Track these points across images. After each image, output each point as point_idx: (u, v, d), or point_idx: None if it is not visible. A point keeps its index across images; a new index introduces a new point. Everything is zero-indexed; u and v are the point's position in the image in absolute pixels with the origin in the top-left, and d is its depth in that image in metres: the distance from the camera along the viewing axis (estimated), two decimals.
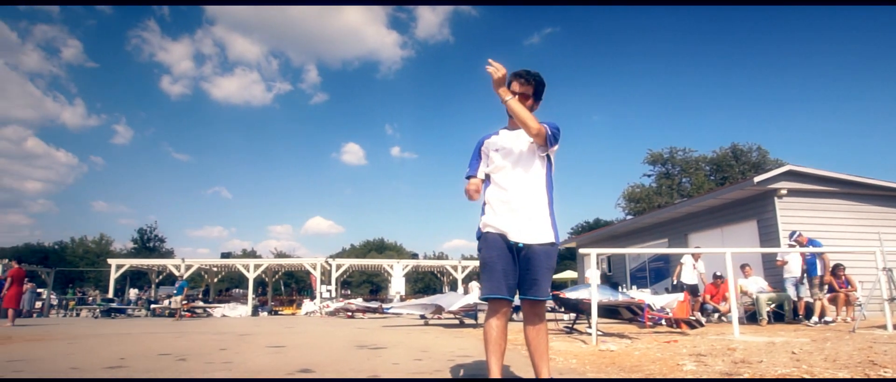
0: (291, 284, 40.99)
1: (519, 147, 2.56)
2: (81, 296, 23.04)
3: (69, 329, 9.63)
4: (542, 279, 2.45)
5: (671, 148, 36.35)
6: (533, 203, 2.50)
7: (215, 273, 25.26)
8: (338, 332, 8.39)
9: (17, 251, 46.12)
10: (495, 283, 2.43)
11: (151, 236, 50.89)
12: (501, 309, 2.47)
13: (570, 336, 6.96)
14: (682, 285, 10.88)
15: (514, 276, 2.46)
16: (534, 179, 2.54)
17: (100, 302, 19.60)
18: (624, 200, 35.72)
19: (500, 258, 2.45)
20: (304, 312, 20.53)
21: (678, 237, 15.14)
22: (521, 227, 2.45)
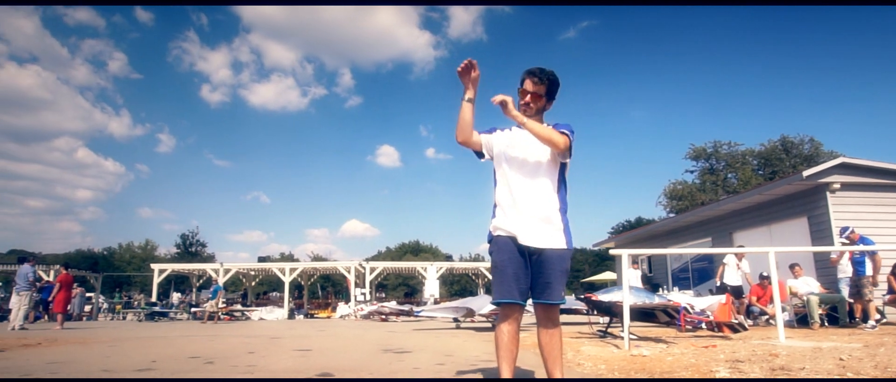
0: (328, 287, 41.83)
1: (531, 148, 2.51)
2: (127, 300, 24.22)
3: (112, 333, 10.13)
4: (555, 282, 2.40)
5: (715, 142, 35.04)
6: (544, 206, 2.45)
7: (253, 276, 26.06)
8: (367, 335, 8.49)
9: (68, 257, 48.97)
10: (506, 287, 2.39)
11: (193, 241, 52.98)
12: (513, 314, 2.43)
13: (603, 340, 6.79)
14: (725, 286, 10.45)
15: (526, 280, 2.42)
16: (545, 182, 2.49)
17: (144, 305, 20.56)
18: (665, 198, 34.67)
19: (511, 261, 2.41)
20: (338, 315, 20.90)
21: (722, 236, 14.56)
22: (533, 231, 2.41)
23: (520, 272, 2.40)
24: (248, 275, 25.80)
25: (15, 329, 10.73)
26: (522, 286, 2.41)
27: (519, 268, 2.40)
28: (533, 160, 2.49)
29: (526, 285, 2.43)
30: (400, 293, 47.63)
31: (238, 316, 19.67)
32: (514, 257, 2.41)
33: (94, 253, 53.75)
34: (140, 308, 20.35)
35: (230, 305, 21.08)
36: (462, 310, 10.45)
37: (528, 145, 2.51)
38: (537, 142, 2.51)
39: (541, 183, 2.48)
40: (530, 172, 2.48)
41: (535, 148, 2.50)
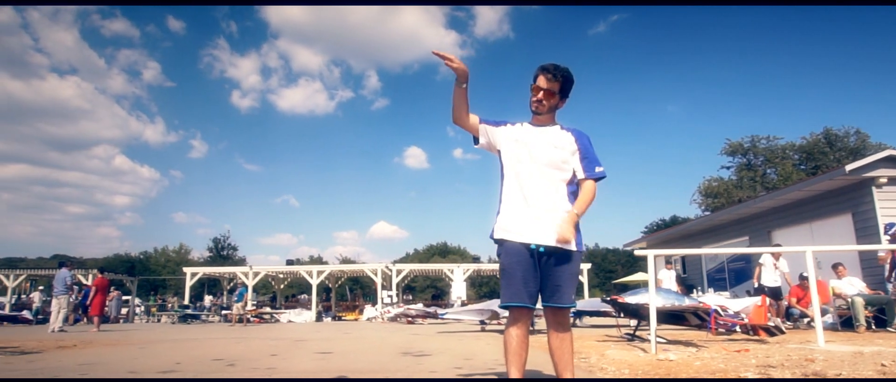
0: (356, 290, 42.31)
1: (543, 147, 2.46)
2: (162, 303, 25.10)
3: (145, 335, 10.49)
4: (565, 285, 2.36)
5: (752, 136, 33.83)
6: (555, 208, 2.40)
7: (281, 279, 26.62)
8: (391, 338, 8.54)
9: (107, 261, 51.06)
10: (514, 290, 2.36)
11: (225, 245, 54.41)
12: (522, 318, 2.40)
13: (630, 343, 6.65)
14: (762, 288, 10.08)
15: (535, 283, 2.38)
16: (557, 183, 2.44)
17: (177, 308, 21.26)
18: (700, 195, 33.69)
19: (520, 264, 2.37)
20: (365, 318, 21.12)
21: (760, 234, 14.07)
22: (542, 231, 2.36)
23: (528, 274, 2.37)
24: (276, 278, 26.35)
25: (54, 331, 11.25)
26: (531, 289, 2.37)
27: (527, 271, 2.37)
28: (545, 159, 2.45)
29: (535, 288, 2.39)
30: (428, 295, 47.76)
31: (267, 319, 20.11)
32: (523, 259, 2.38)
33: (131, 258, 55.90)
34: (173, 310, 21.06)
35: (260, 308, 21.57)
36: (487, 312, 10.40)
37: (540, 143, 2.47)
38: (547, 140, 2.48)
39: (552, 183, 2.43)
40: (541, 171, 2.44)
41: (548, 147, 2.46)
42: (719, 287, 16.32)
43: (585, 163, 2.52)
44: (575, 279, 2.41)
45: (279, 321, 19.79)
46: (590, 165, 2.52)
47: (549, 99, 2.49)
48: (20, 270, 23.77)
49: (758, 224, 14.18)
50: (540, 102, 2.50)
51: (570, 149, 2.49)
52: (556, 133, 2.53)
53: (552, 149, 2.46)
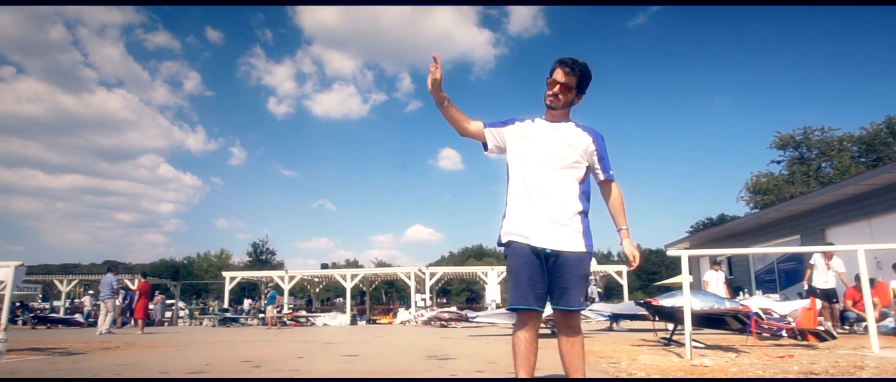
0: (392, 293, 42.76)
1: (552, 144, 2.40)
2: (203, 307, 26.11)
3: (184, 337, 10.93)
4: (573, 287, 2.30)
5: (805, 128, 32.09)
6: (564, 208, 2.35)
7: (317, 283, 27.20)
8: (420, 341, 8.58)
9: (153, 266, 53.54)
10: (521, 293, 2.32)
11: (263, 249, 56.13)
12: (530, 321, 2.35)
13: (666, 348, 6.45)
14: (813, 290, 9.57)
15: (542, 285, 2.33)
16: (567, 181, 2.38)
17: (217, 311, 22.07)
18: (747, 192, 32.27)
19: (526, 265, 2.33)
20: (399, 321, 21.30)
21: (812, 232, 13.37)
22: (549, 232, 2.31)
23: (535, 276, 2.32)
24: (311, 282, 26.95)
25: (102, 333, 11.87)
26: (538, 291, 2.33)
27: (534, 272, 2.32)
28: (557, 157, 2.38)
29: (542, 290, 2.34)
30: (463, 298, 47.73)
31: (303, 322, 20.57)
32: (529, 261, 2.33)
33: (176, 263, 58.38)
34: (214, 314, 21.87)
35: (296, 311, 22.08)
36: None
37: (553, 140, 2.41)
38: (560, 137, 2.43)
39: (561, 181, 2.37)
40: (550, 170, 2.38)
41: (558, 144, 2.40)
42: (768, 289, 15.61)
43: (603, 164, 2.49)
44: (584, 281, 2.35)
45: (314, 324, 20.21)
46: (607, 166, 2.50)
47: (566, 93, 2.42)
48: (73, 275, 25.24)
49: (810, 221, 13.49)
50: (556, 96, 2.43)
51: (585, 149, 2.44)
52: (570, 130, 2.47)
53: (565, 146, 2.40)
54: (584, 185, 2.44)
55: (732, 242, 17.20)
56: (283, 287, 23.04)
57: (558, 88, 2.42)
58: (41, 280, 26.94)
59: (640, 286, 47.71)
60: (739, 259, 17.10)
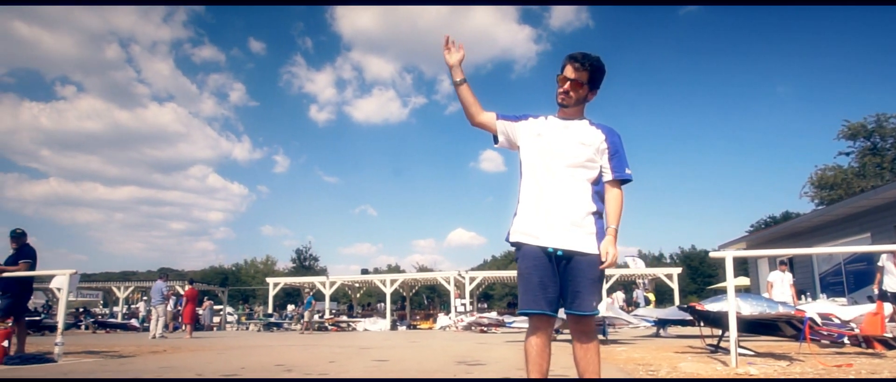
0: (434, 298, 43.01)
1: (565, 143, 2.38)
2: (249, 312, 27.15)
3: (228, 342, 11.43)
4: (585, 291, 2.27)
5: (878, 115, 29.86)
6: (576, 208, 2.32)
7: (357, 288, 27.75)
8: (454, 347, 8.64)
9: (203, 273, 56.04)
10: (531, 297, 2.31)
11: (307, 255, 57.69)
12: (541, 326, 2.34)
13: (712, 355, 6.23)
14: (885, 293, 8.96)
15: (554, 289, 2.31)
16: (579, 181, 2.35)
17: (261, 316, 22.91)
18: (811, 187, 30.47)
19: (537, 269, 2.31)
20: (439, 326, 21.42)
21: (885, 230, 12.47)
22: (559, 233, 2.29)
23: (546, 280, 2.30)
24: (352, 287, 27.51)
25: (154, 337, 12.57)
26: (550, 295, 2.31)
27: (545, 276, 2.31)
28: (569, 156, 2.36)
29: (554, 294, 2.32)
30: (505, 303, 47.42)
31: (344, 327, 21.03)
32: (540, 264, 2.32)
33: (225, 269, 60.87)
34: (259, 319, 22.71)
35: (337, 316, 22.63)
36: (557, 321, 10.18)
37: (565, 138, 2.39)
38: (573, 135, 2.39)
39: (573, 181, 2.34)
40: (561, 168, 2.35)
41: (574, 143, 2.37)
42: (835, 292, 14.69)
43: (614, 162, 2.41)
44: (596, 284, 2.32)
45: (355, 329, 20.63)
46: (619, 165, 2.41)
47: (577, 90, 2.39)
48: (130, 282, 26.85)
49: (883, 217, 12.61)
50: (566, 94, 2.41)
51: (597, 147, 2.40)
52: (583, 128, 2.43)
53: (578, 145, 2.37)
54: (597, 185, 2.40)
55: (794, 242, 16.33)
56: (325, 292, 23.64)
57: (569, 85, 2.40)
58: (102, 287, 28.76)
59: (694, 289, 45.92)
60: (802, 259, 16.21)
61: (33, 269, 6.38)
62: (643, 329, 13.20)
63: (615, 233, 2.34)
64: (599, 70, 2.43)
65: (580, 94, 2.42)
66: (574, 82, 2.39)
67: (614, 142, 2.45)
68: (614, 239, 2.32)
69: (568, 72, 2.41)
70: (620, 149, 2.45)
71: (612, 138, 2.45)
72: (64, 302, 6.16)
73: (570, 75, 2.40)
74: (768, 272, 12.47)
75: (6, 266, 6.19)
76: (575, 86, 2.40)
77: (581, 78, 2.39)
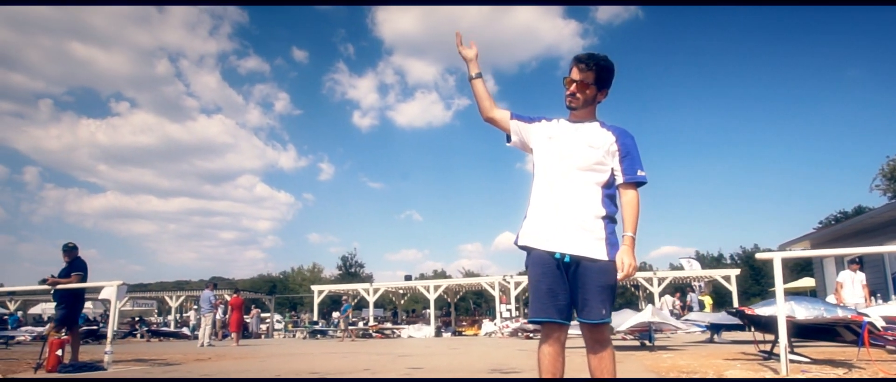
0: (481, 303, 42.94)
1: (577, 147, 2.37)
2: (295, 320, 27.98)
3: (272, 349, 11.83)
4: (593, 299, 2.25)
5: None
6: (584, 213, 2.30)
7: (401, 295, 28.08)
8: (493, 354, 8.62)
9: (253, 282, 58.24)
10: (540, 304, 2.31)
11: (352, 262, 58.85)
12: (553, 334, 2.33)
13: (765, 363, 5.96)
14: None
15: (564, 296, 2.30)
16: (590, 187, 2.34)
17: (307, 324, 23.56)
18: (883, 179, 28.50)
19: (545, 276, 2.32)
20: (484, 333, 21.37)
21: None
22: (566, 238, 2.28)
23: (556, 287, 2.30)
24: (396, 294, 27.86)
25: (203, 345, 13.19)
26: (560, 302, 2.30)
27: (554, 283, 2.30)
28: (578, 159, 2.35)
29: (565, 301, 2.30)
30: None
31: (389, 334, 21.33)
32: (549, 270, 2.31)
33: (273, 277, 63.06)
34: (304, 326, 23.37)
35: (381, 323, 22.97)
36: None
37: (574, 141, 2.39)
38: (582, 138, 2.39)
39: (582, 184, 2.33)
40: (570, 172, 2.35)
41: (579, 145, 2.37)
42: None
43: (626, 164, 2.38)
44: (606, 291, 2.28)
45: (400, 336, 20.88)
46: (631, 167, 2.37)
47: (583, 91, 2.40)
48: (181, 291, 28.23)
49: None
50: (573, 96, 2.42)
51: (607, 149, 2.38)
52: (593, 130, 2.43)
53: (587, 148, 2.37)
54: (609, 189, 2.38)
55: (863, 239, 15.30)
56: (369, 299, 24.06)
57: (575, 87, 2.41)
58: (155, 296, 30.39)
59: (757, 292, 43.73)
60: (873, 258, 15.17)
61: (84, 281, 6.84)
62: (698, 334, 12.72)
63: (632, 242, 2.28)
64: (606, 69, 2.42)
65: (587, 96, 2.42)
66: (580, 83, 2.40)
67: (626, 143, 2.41)
68: (631, 248, 2.27)
69: (574, 74, 2.41)
70: (632, 151, 2.41)
71: (624, 139, 2.41)
72: (114, 311, 6.57)
73: (576, 77, 2.40)
74: (835, 272, 11.75)
75: (59, 278, 6.66)
76: (581, 87, 2.40)
77: (587, 79, 2.39)
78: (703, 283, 23.49)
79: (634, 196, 2.38)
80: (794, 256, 9.53)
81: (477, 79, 2.61)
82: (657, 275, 23.78)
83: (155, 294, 30.82)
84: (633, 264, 2.23)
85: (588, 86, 2.40)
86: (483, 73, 2.64)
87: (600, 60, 2.40)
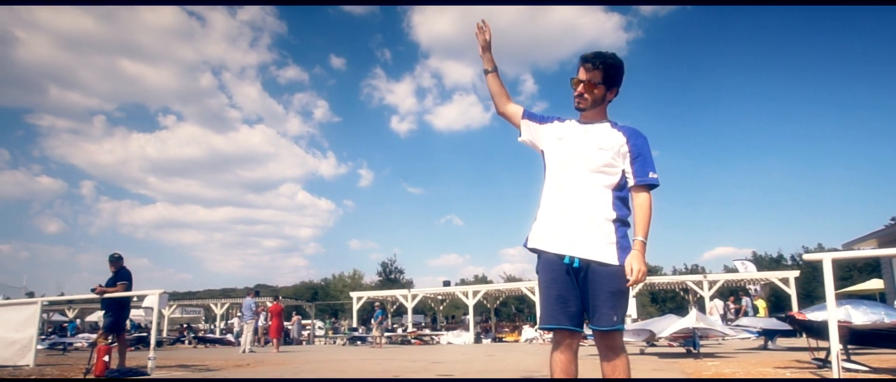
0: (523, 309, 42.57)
1: (586, 149, 2.37)
2: (335, 326, 28.56)
3: (311, 356, 12.14)
4: (603, 305, 2.22)
5: None
6: (592, 216, 2.29)
7: (440, 301, 28.19)
8: (527, 361, 8.57)
9: (296, 289, 59.76)
10: (550, 311, 2.31)
11: (392, 268, 59.48)
12: (564, 341, 2.31)
13: (818, 371, 5.70)
14: None
15: (575, 302, 2.28)
16: (599, 190, 2.32)
17: (346, 331, 23.99)
18: None
19: (555, 282, 2.31)
20: (524, 339, 21.19)
21: None
22: (574, 241, 2.27)
23: (565, 292, 2.29)
24: (435, 299, 27.99)
25: (245, 352, 13.65)
26: (571, 309, 2.28)
27: (564, 288, 2.29)
28: (587, 161, 2.34)
29: (576, 307, 2.29)
30: None
31: (428, 341, 21.45)
32: (559, 276, 2.30)
33: (314, 284, 64.46)
34: (343, 333, 23.81)
35: (420, 329, 23.13)
36: (643, 333, 9.74)
37: (584, 143, 2.38)
38: (592, 139, 2.38)
39: (594, 188, 2.32)
40: (579, 174, 2.34)
41: (588, 146, 2.36)
42: None
43: (637, 165, 2.35)
44: (617, 297, 2.24)
45: (438, 342, 20.97)
46: (642, 169, 2.34)
47: (591, 91, 2.38)
48: (226, 299, 29.32)
49: None
50: (581, 97, 2.41)
51: (617, 150, 2.35)
52: (604, 131, 2.41)
53: (596, 150, 2.35)
54: (620, 191, 2.35)
55: None
56: (407, 305, 24.27)
57: (582, 87, 2.40)
58: (202, 304, 31.64)
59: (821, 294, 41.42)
60: None
61: (129, 290, 7.23)
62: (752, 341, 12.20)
63: (642, 246, 2.25)
64: (614, 67, 2.40)
65: (595, 95, 2.41)
66: (587, 83, 2.39)
67: (637, 144, 2.38)
68: (641, 253, 2.24)
69: (580, 74, 2.42)
70: (643, 152, 2.38)
71: (635, 140, 2.39)
72: (156, 318, 6.92)
73: (582, 77, 2.40)
74: None
75: (106, 287, 7.08)
76: (588, 87, 2.39)
77: (594, 78, 2.38)
78: (758, 286, 22.54)
79: (646, 199, 2.35)
80: (848, 256, 9.00)
81: (492, 73, 2.65)
82: (707, 278, 22.95)
83: (202, 301, 32.10)
84: (643, 269, 2.20)
85: (595, 85, 2.39)
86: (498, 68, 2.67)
87: (607, 58, 2.39)
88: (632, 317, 21.20)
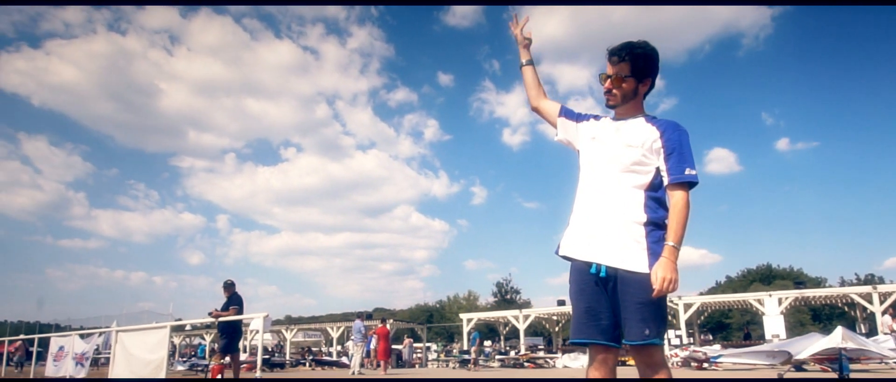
0: None
1: (615, 147, 2.32)
2: (447, 349, 29.08)
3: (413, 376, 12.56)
4: (633, 316, 2.13)
5: None
6: (621, 220, 2.22)
7: (555, 321, 27.54)
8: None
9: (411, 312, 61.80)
10: (579, 325, 2.25)
11: (508, 288, 59.28)
12: (597, 356, 2.25)
13: None
14: None
15: (607, 314, 2.20)
16: (629, 191, 2.25)
17: (457, 353, 24.35)
18: None
19: (583, 293, 2.25)
20: None
21: None
22: (601, 246, 2.22)
23: (595, 305, 2.22)
24: (549, 320, 27.41)
25: (354, 374, 14.50)
26: (603, 322, 2.20)
27: (593, 300, 2.23)
28: (615, 160, 2.29)
29: (608, 320, 2.20)
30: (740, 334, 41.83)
31: (542, 364, 21.09)
32: (587, 286, 2.25)
33: (429, 307, 66.16)
34: (454, 356, 24.20)
35: (533, 352, 22.79)
36: (780, 355, 8.82)
37: (610, 141, 2.33)
38: (621, 137, 2.32)
39: (624, 189, 2.25)
40: (608, 174, 2.29)
41: (617, 145, 2.31)
42: None
43: (672, 162, 2.22)
44: (649, 308, 2.13)
45: (554, 366, 20.51)
46: (678, 165, 2.21)
47: (619, 86, 2.34)
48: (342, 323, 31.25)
49: None
50: (609, 93, 2.36)
51: (650, 146, 2.26)
52: (635, 127, 2.33)
53: (624, 148, 2.27)
54: (656, 191, 2.26)
55: None
56: (519, 327, 24.09)
57: (610, 82, 2.35)
58: (321, 327, 33.99)
59: None
60: None
61: (241, 313, 8.13)
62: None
63: (673, 252, 2.12)
64: (642, 57, 2.34)
65: (625, 90, 2.35)
66: (614, 78, 2.34)
67: (672, 138, 2.26)
68: (670, 260, 2.11)
69: (607, 69, 2.38)
70: (678, 147, 2.24)
71: (670, 134, 2.27)
72: (261, 339, 7.69)
73: (609, 71, 2.36)
74: None
75: (221, 311, 8.02)
76: (616, 81, 2.34)
77: (621, 71, 2.33)
78: None
79: (682, 198, 2.21)
80: None
81: (528, 66, 2.69)
82: (878, 290, 20.13)
83: (321, 325, 34.48)
84: (670, 278, 2.07)
85: (624, 79, 2.33)
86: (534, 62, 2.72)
87: (635, 48, 2.33)
88: (779, 337, 19.23)
